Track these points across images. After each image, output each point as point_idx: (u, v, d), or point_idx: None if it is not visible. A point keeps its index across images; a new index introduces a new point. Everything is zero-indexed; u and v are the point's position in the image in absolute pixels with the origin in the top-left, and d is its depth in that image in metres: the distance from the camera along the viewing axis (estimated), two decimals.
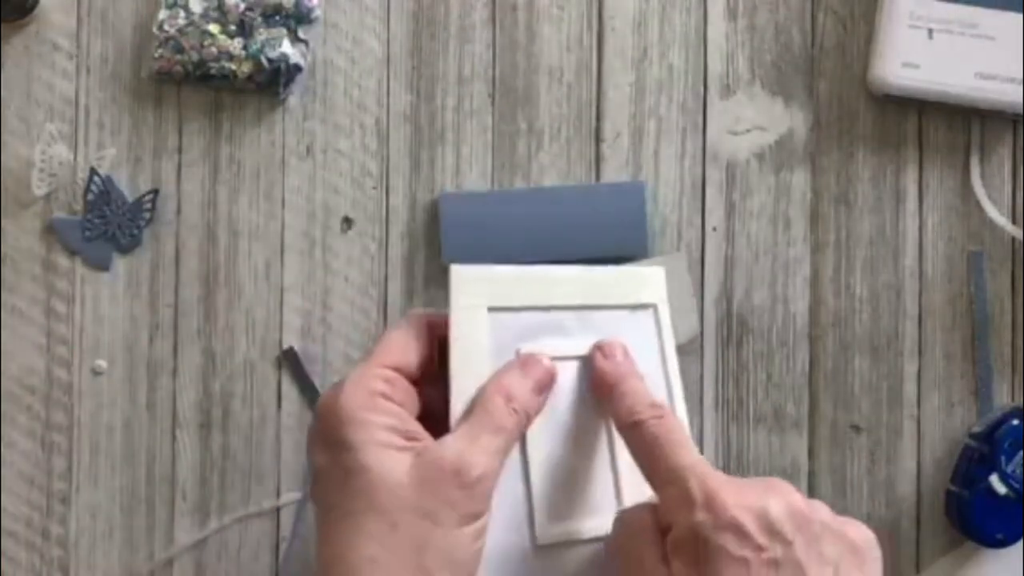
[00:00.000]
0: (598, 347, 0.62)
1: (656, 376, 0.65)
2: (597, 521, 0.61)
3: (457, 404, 0.59)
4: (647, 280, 0.66)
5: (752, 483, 0.55)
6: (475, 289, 0.60)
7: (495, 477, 0.57)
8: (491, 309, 0.61)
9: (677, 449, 0.56)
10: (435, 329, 0.61)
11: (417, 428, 0.58)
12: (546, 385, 0.61)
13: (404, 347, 0.60)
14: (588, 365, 0.62)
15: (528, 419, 0.60)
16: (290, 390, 0.76)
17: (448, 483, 0.56)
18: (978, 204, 0.75)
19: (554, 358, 0.61)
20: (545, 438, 0.61)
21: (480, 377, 0.60)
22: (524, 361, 0.60)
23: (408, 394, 0.59)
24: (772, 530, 0.53)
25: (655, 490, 0.57)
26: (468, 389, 0.59)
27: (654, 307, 0.65)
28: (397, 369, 0.59)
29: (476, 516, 0.56)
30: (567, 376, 0.62)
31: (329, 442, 0.57)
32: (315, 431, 0.59)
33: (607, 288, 0.64)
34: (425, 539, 0.55)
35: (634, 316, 0.65)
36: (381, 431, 0.57)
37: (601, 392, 0.62)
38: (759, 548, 0.53)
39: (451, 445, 0.57)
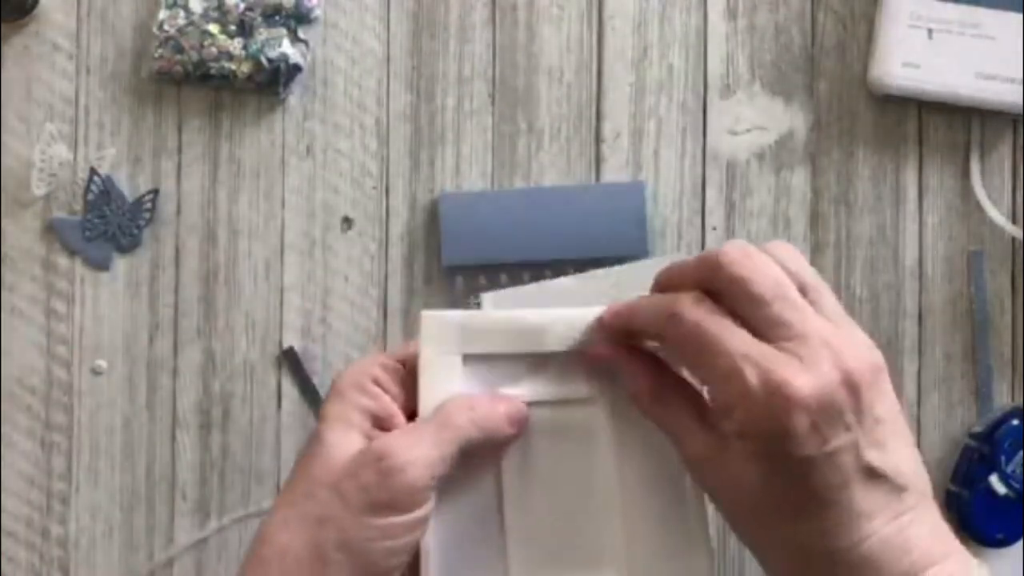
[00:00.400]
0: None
1: None
2: None
3: None
4: None
5: (805, 345, 0.52)
6: (448, 336, 0.58)
7: (427, 473, 0.55)
8: (467, 358, 0.59)
9: (724, 335, 0.53)
10: None
11: (396, 418, 0.58)
12: (519, 420, 0.59)
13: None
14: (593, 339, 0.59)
15: (487, 437, 0.57)
16: (290, 390, 0.76)
17: (368, 466, 0.55)
18: (978, 204, 0.75)
19: (533, 403, 0.59)
20: (525, 490, 0.59)
21: None
22: (497, 395, 0.59)
23: (405, 386, 0.59)
24: (833, 419, 0.52)
25: (707, 383, 0.54)
26: None
27: None
28: (405, 362, 0.59)
29: (391, 509, 0.55)
30: (555, 422, 0.59)
31: (321, 411, 0.59)
32: (326, 397, 0.60)
33: None
34: (329, 515, 0.55)
35: None
36: (354, 411, 0.57)
37: (622, 323, 0.58)
38: (823, 442, 0.52)
39: (392, 433, 0.57)
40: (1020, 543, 0.73)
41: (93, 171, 0.76)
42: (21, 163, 0.76)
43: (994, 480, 0.72)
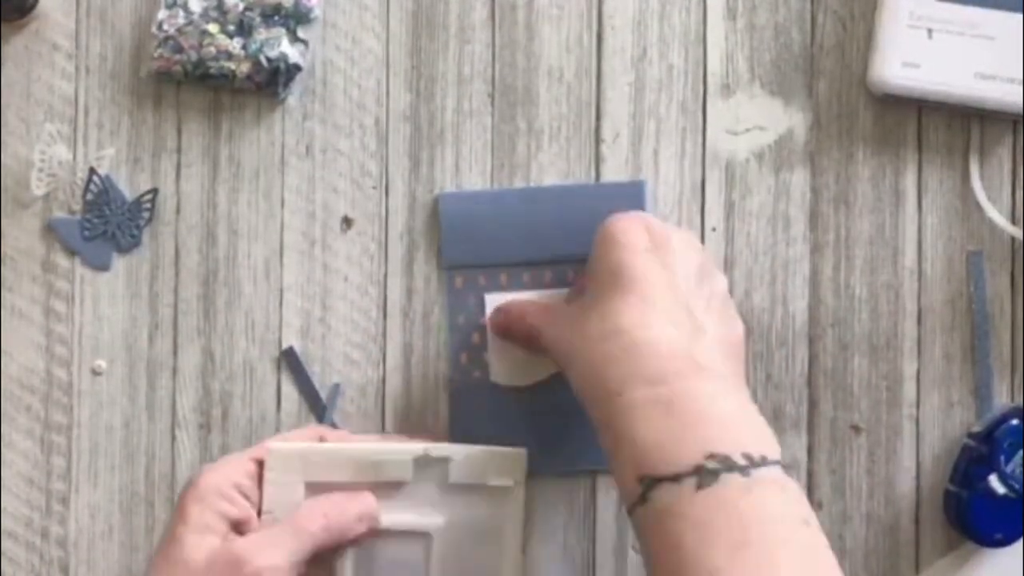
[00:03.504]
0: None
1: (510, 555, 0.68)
2: None
3: None
4: (507, 464, 0.69)
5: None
6: (290, 466, 0.64)
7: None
8: (308, 484, 0.65)
9: None
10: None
11: (253, 522, 0.65)
12: (369, 517, 0.65)
13: None
14: None
15: (340, 536, 0.64)
16: (290, 390, 0.76)
17: (227, 571, 0.61)
18: (978, 204, 0.75)
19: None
20: None
21: None
22: (348, 494, 0.66)
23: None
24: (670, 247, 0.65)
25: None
26: None
27: (510, 489, 0.68)
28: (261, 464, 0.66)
29: None
30: (386, 552, 0.67)
31: (179, 510, 0.64)
32: (182, 494, 0.65)
33: (460, 467, 0.68)
34: None
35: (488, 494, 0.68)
36: (214, 516, 0.63)
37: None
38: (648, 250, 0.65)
39: (248, 538, 0.63)
40: (1019, 543, 0.73)
41: (92, 171, 0.76)
42: (21, 163, 0.76)
43: (993, 480, 0.72)
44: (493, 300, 0.74)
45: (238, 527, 0.64)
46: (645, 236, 0.66)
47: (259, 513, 0.65)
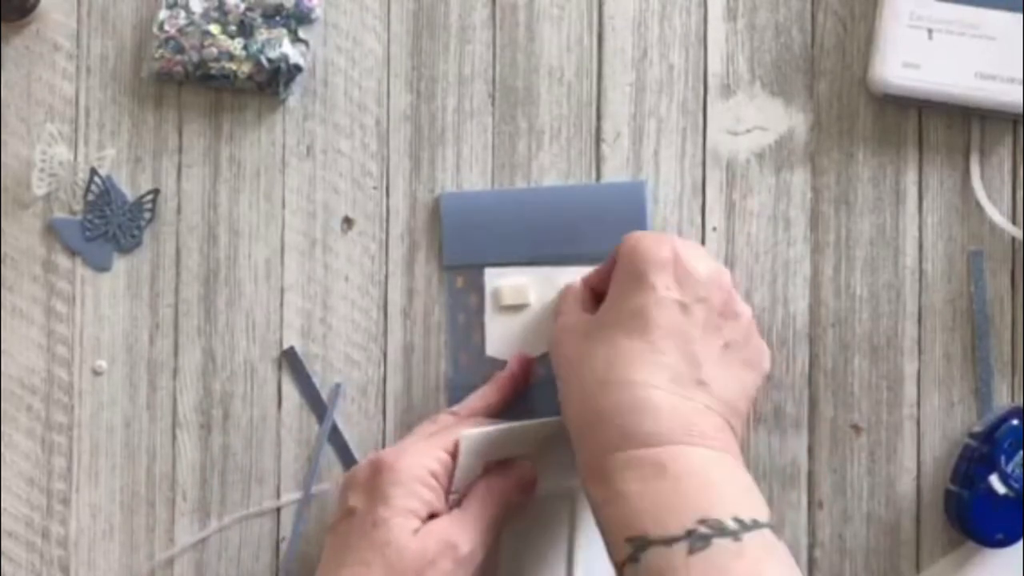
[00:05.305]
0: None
1: None
2: None
3: None
4: None
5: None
6: (479, 448, 0.67)
7: (482, 555, 0.66)
8: (487, 463, 0.69)
9: None
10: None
11: (443, 506, 0.66)
12: (529, 484, 0.69)
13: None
14: None
15: (510, 507, 0.68)
16: (290, 390, 0.76)
17: (445, 555, 0.64)
18: (978, 204, 0.75)
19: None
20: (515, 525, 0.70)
21: None
22: (508, 465, 0.69)
23: (451, 475, 0.67)
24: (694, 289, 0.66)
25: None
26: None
27: None
28: (451, 452, 0.67)
29: None
30: (534, 509, 0.71)
31: (374, 492, 0.65)
32: (364, 476, 0.66)
33: None
34: None
35: None
36: (416, 501, 0.65)
37: None
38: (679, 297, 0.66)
39: (447, 521, 0.65)
40: (1020, 543, 0.73)
41: (93, 171, 0.76)
42: (21, 163, 0.77)
43: (994, 480, 0.72)
44: (492, 275, 0.75)
45: (433, 512, 0.66)
46: (671, 272, 0.66)
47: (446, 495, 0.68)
